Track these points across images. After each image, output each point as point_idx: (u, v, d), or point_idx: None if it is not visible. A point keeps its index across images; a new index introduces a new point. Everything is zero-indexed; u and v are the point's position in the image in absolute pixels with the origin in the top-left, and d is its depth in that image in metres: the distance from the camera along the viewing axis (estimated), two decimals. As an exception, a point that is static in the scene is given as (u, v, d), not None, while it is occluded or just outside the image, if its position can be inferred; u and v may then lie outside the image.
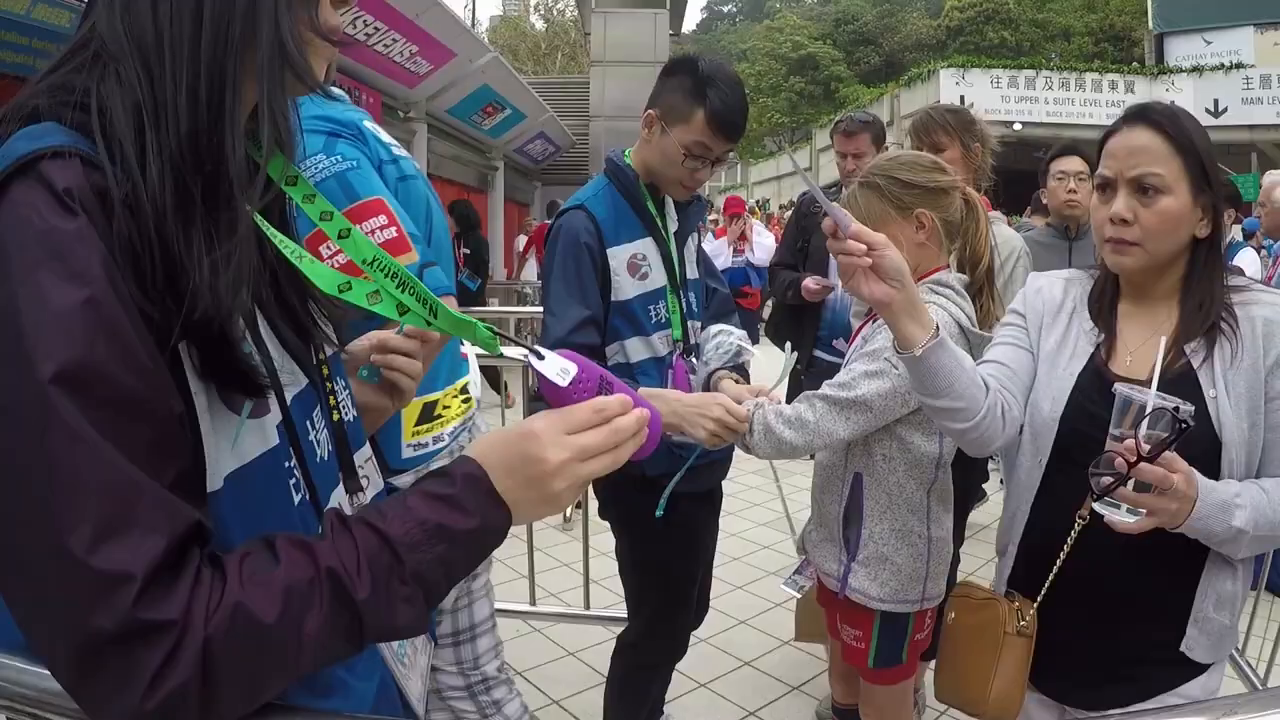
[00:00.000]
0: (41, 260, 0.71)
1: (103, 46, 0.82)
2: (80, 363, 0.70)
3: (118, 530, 0.70)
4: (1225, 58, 20.86)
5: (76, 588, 0.68)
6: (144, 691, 0.69)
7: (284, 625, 0.74)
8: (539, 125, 15.53)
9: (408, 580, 0.80)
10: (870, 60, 56.27)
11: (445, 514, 0.82)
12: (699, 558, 2.58)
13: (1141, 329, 1.63)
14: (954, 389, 1.57)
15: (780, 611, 3.98)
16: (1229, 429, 1.50)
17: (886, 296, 1.49)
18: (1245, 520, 1.43)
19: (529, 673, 3.53)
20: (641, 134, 2.31)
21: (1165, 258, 1.57)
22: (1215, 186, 1.54)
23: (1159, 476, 1.34)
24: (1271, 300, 1.57)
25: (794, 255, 4.05)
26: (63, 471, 0.69)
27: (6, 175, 0.73)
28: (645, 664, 2.64)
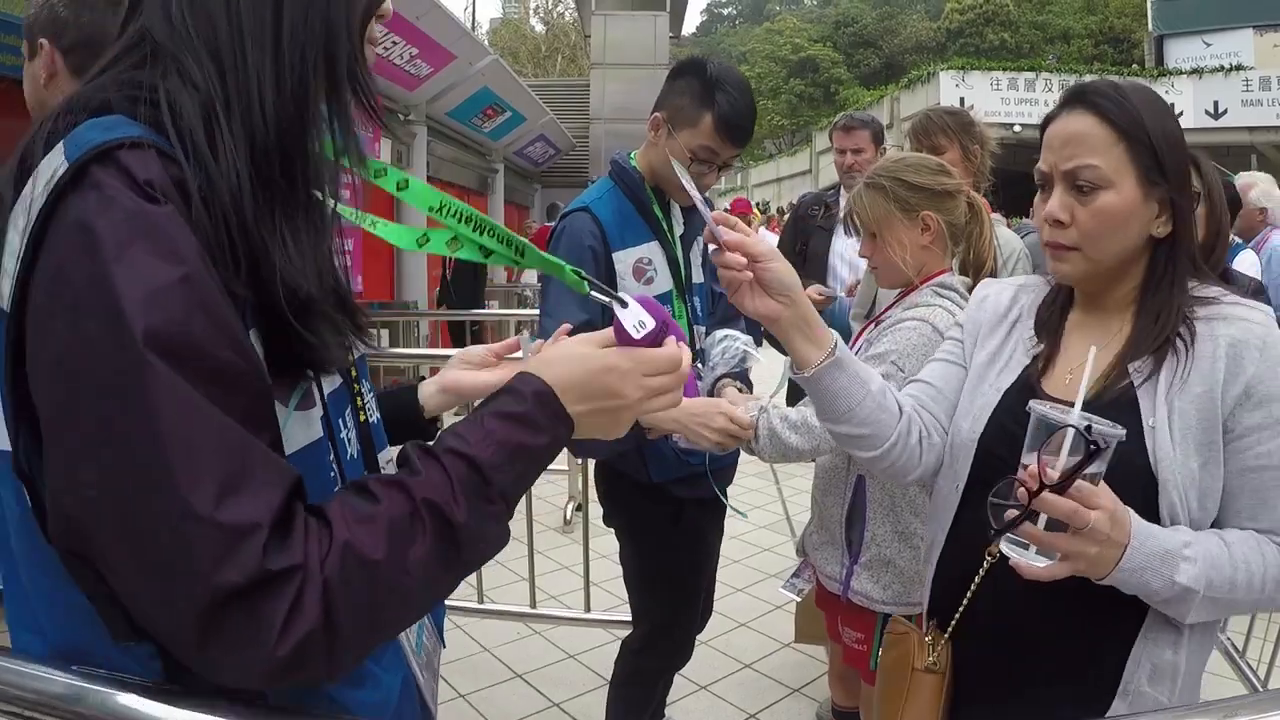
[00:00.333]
0: (134, 239, 0.72)
1: (158, 45, 0.83)
2: (181, 335, 0.71)
3: (238, 485, 0.72)
4: (1225, 60, 20.88)
5: (204, 545, 0.69)
6: (276, 640, 0.70)
7: (392, 560, 0.77)
8: (539, 128, 15.52)
9: (495, 499, 0.83)
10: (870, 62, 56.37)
11: (522, 434, 0.86)
12: (704, 564, 2.58)
13: (1090, 343, 1.33)
14: (855, 414, 1.41)
15: (780, 614, 3.98)
16: (1167, 465, 1.24)
17: (772, 313, 1.34)
18: (1194, 577, 1.18)
19: (529, 675, 3.53)
20: (648, 136, 2.29)
21: (1112, 263, 1.33)
22: (1175, 177, 1.29)
23: (1067, 511, 1.11)
24: (1243, 316, 1.28)
25: (792, 258, 4.02)
26: (177, 435, 0.70)
27: (85, 161, 0.73)
28: (649, 668, 2.64)
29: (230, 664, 0.72)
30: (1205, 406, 1.25)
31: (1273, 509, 1.26)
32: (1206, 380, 1.25)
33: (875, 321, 2.10)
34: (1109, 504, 1.14)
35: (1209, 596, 1.20)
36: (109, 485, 0.71)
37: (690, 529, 2.27)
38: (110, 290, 0.70)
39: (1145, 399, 1.28)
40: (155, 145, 0.77)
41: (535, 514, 3.99)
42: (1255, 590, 1.23)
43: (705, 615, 2.77)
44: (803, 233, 4.02)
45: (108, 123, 0.78)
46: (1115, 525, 1.15)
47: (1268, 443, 1.25)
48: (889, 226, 1.98)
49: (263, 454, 0.75)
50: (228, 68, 0.83)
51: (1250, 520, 1.27)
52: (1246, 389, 1.24)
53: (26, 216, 0.74)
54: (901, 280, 2.04)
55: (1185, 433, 1.25)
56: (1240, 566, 1.22)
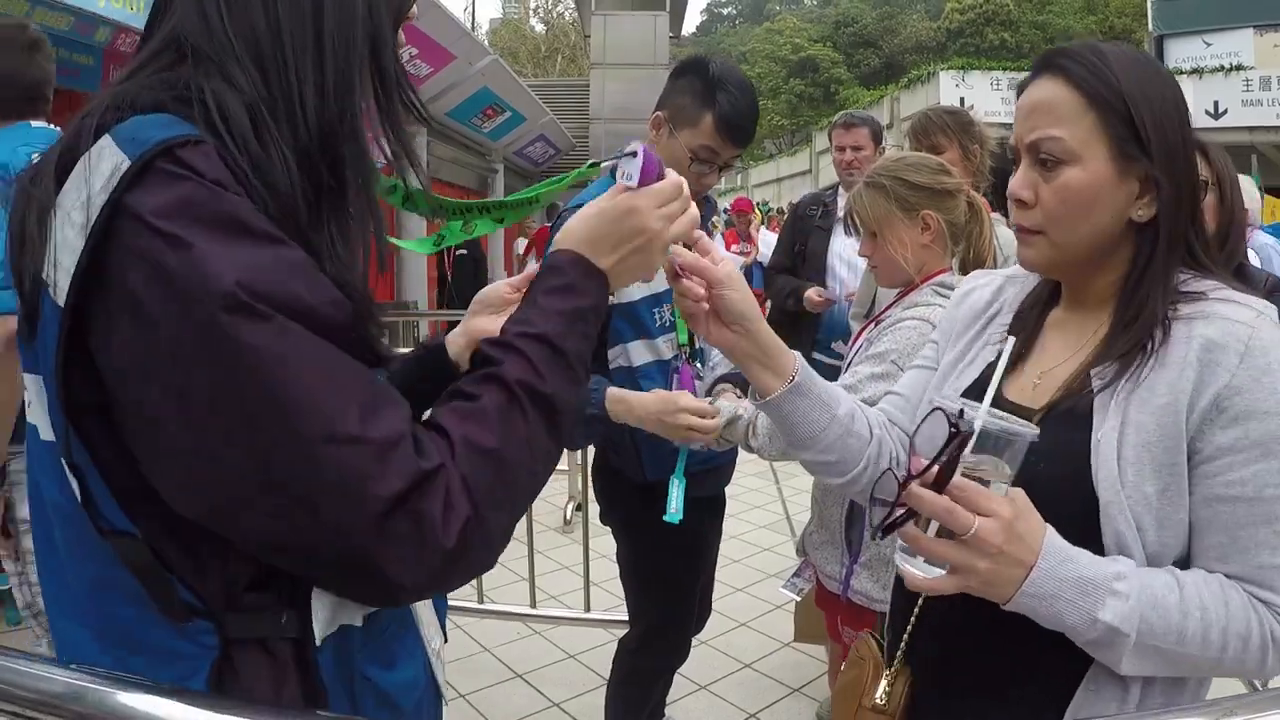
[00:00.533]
0: (216, 222, 0.75)
1: (195, 49, 0.85)
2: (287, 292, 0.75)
3: (376, 406, 0.78)
4: (1225, 59, 20.87)
5: (361, 463, 0.74)
6: (441, 533, 0.77)
7: (507, 443, 0.84)
8: (539, 128, 15.55)
9: (572, 364, 0.91)
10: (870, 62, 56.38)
11: (572, 299, 0.94)
12: (701, 563, 2.58)
13: (1066, 344, 1.21)
14: (820, 440, 1.30)
15: (780, 614, 3.98)
16: (1109, 486, 1.04)
17: (728, 343, 1.26)
18: (1122, 616, 0.98)
19: (529, 675, 3.53)
20: (649, 136, 2.27)
21: (1084, 250, 1.15)
22: (1159, 152, 1.09)
23: (938, 508, 0.95)
24: (1227, 314, 1.06)
25: (790, 258, 4.04)
26: (317, 371, 0.75)
27: (150, 157, 0.75)
28: (647, 668, 2.64)
29: (403, 571, 0.76)
30: (1167, 420, 1.04)
31: (1244, 551, 1.03)
32: (1173, 389, 1.05)
33: (875, 321, 2.10)
34: (1005, 512, 0.97)
35: (1149, 644, 1.00)
36: (254, 440, 0.74)
37: (686, 528, 2.27)
38: (210, 268, 0.72)
39: (1099, 410, 1.10)
40: (212, 143, 0.79)
41: (535, 514, 3.99)
42: (1212, 646, 1.01)
43: (704, 615, 2.76)
44: (801, 233, 4.02)
45: (163, 121, 0.79)
46: (1013, 539, 0.97)
47: (1241, 469, 1.03)
48: (889, 225, 1.98)
49: (382, 382, 0.82)
50: (270, 72, 0.85)
51: (1219, 562, 1.05)
52: (1217, 401, 1.03)
53: (84, 213, 0.74)
54: (901, 279, 2.04)
55: (1141, 450, 1.05)
56: (1193, 614, 1.00)
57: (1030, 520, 1.00)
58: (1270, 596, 1.03)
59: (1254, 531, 1.02)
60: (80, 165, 0.77)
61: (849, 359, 2.13)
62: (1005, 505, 0.98)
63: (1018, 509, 0.99)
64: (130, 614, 0.84)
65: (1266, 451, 1.02)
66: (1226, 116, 19.93)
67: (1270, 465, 1.02)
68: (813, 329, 3.86)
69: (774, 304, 4.10)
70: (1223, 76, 20.44)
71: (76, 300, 0.75)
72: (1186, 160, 1.12)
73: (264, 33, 0.86)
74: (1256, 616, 1.02)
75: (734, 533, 5.13)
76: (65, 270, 0.75)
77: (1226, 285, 1.12)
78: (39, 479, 0.88)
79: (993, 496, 0.98)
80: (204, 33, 0.85)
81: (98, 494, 0.81)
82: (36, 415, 0.86)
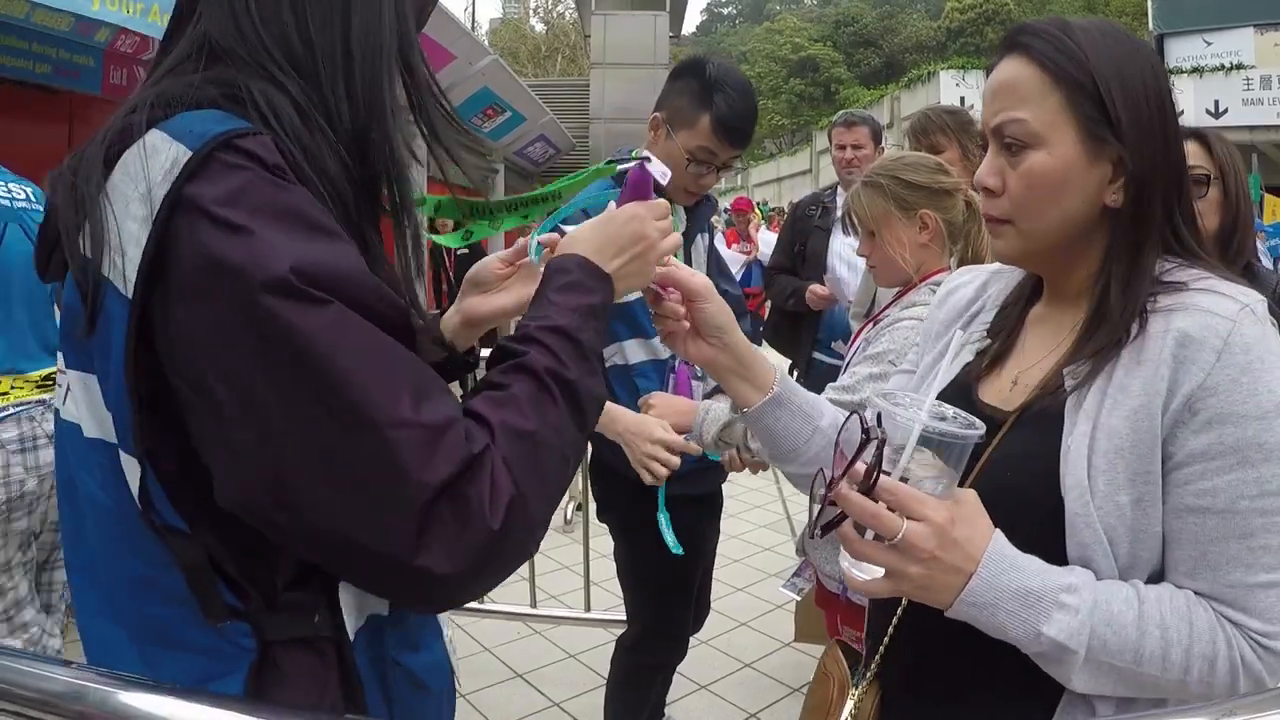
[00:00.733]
0: (279, 212, 0.77)
1: (227, 51, 0.88)
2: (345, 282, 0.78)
3: (427, 391, 0.79)
4: (1225, 59, 20.84)
5: (415, 447, 0.76)
6: (489, 513, 0.78)
7: (542, 426, 0.86)
8: (539, 128, 15.53)
9: (588, 355, 0.94)
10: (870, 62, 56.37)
11: (582, 296, 0.98)
12: (697, 562, 2.58)
13: (1045, 341, 1.13)
14: (802, 453, 1.26)
15: (781, 613, 3.98)
16: (1077, 496, 0.97)
17: (705, 357, 1.24)
18: (1069, 632, 0.91)
19: (529, 675, 3.54)
20: (647, 137, 2.29)
21: (1054, 239, 1.07)
22: (1131, 133, 1.01)
23: (863, 511, 0.90)
24: (1207, 307, 0.97)
25: (790, 258, 4.04)
26: (372, 356, 0.77)
27: (211, 149, 0.76)
28: (644, 666, 2.65)
29: (444, 558, 0.76)
30: (1142, 424, 0.96)
31: (1215, 567, 0.95)
32: (1147, 389, 0.96)
33: (873, 321, 2.10)
34: (938, 517, 0.91)
35: (1103, 662, 0.93)
36: (305, 422, 0.75)
37: (682, 526, 2.27)
38: (267, 253, 0.74)
39: (1070, 413, 1.02)
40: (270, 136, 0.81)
41: (536, 514, 3.98)
42: (1174, 667, 0.93)
43: (702, 614, 2.77)
44: (800, 233, 4.02)
45: (217, 116, 0.81)
46: (947, 545, 0.91)
47: (1214, 478, 0.94)
48: (887, 225, 1.98)
49: (427, 368, 0.83)
50: (306, 77, 0.88)
51: (1188, 577, 0.96)
52: (1190, 402, 0.94)
53: (146, 205, 0.76)
54: (900, 279, 2.04)
55: (1114, 457, 0.97)
56: (1151, 633, 0.93)
57: (974, 525, 0.95)
58: (1241, 618, 0.94)
59: (1225, 547, 0.94)
60: (133, 159, 0.78)
61: (848, 359, 2.14)
62: (939, 510, 0.92)
63: (958, 513, 0.94)
64: (169, 613, 0.85)
65: (1242, 459, 0.93)
66: (1227, 116, 19.89)
67: (1246, 475, 0.93)
68: (813, 329, 3.86)
69: (774, 304, 4.11)
70: (1223, 75, 20.41)
71: (146, 288, 0.76)
72: (1165, 139, 1.03)
73: (296, 41, 0.88)
74: (1224, 637, 0.94)
75: (734, 532, 5.13)
76: (132, 262, 0.76)
77: (1214, 274, 1.02)
78: (75, 476, 0.88)
79: (925, 500, 0.92)
80: (238, 38, 0.88)
81: (153, 490, 0.81)
82: (81, 413, 0.86)
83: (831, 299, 3.70)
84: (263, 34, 0.88)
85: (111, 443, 0.83)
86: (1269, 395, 0.93)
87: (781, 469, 1.34)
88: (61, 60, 4.09)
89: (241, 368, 0.74)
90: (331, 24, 0.89)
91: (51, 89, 4.18)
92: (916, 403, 0.97)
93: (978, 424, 0.94)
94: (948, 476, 0.95)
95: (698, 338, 1.23)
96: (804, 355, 3.87)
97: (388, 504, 0.75)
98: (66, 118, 4.43)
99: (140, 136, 0.79)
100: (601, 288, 1.01)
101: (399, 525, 0.75)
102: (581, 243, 1.04)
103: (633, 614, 2.60)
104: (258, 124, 0.82)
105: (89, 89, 4.33)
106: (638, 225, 1.07)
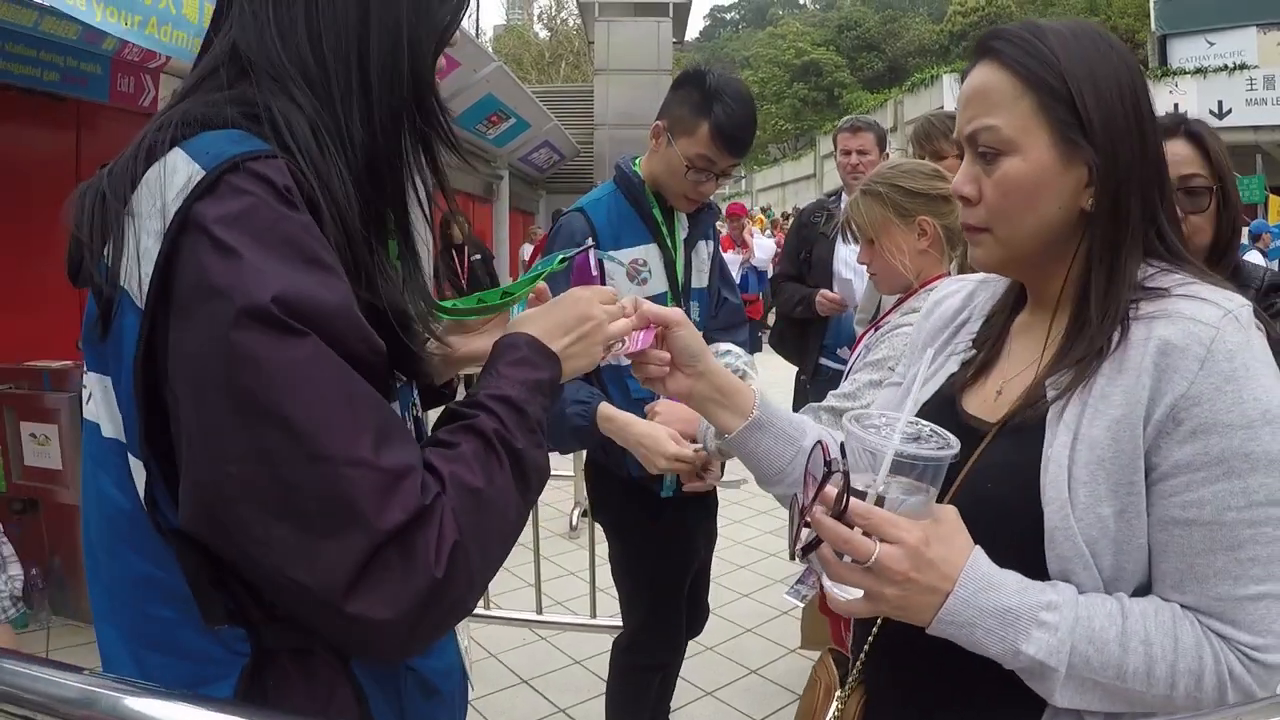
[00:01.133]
0: (275, 241, 0.78)
1: (253, 64, 0.90)
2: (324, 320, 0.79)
3: (389, 435, 0.81)
4: (1229, 59, 20.82)
5: (370, 489, 0.77)
6: (434, 559, 0.79)
7: (489, 485, 0.87)
8: (543, 134, 15.55)
9: (534, 427, 0.95)
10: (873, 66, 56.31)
11: (530, 371, 1.00)
12: (689, 560, 2.59)
13: (1028, 350, 1.11)
14: (788, 474, 1.26)
15: (786, 619, 3.98)
16: (1057, 509, 0.95)
17: (683, 389, 1.26)
18: (1047, 649, 0.90)
19: (535, 680, 3.54)
20: (649, 144, 2.34)
21: (1032, 246, 1.05)
22: (1102, 135, 0.99)
23: (836, 537, 0.91)
24: (1191, 313, 0.94)
25: (797, 266, 4.05)
26: (339, 393, 0.78)
27: (223, 170, 0.79)
28: (639, 665, 2.66)
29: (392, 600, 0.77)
30: (1124, 434, 0.94)
31: (1202, 580, 0.93)
32: (1129, 398, 0.94)
33: (875, 326, 2.11)
34: (911, 539, 0.90)
35: (1086, 678, 0.92)
36: (269, 452, 0.75)
37: (672, 526, 2.28)
38: (251, 279, 0.75)
39: (1052, 424, 1.00)
40: (284, 158, 0.83)
41: (541, 520, 4.00)
42: (1159, 683, 0.92)
43: (701, 617, 2.78)
44: (806, 240, 4.02)
45: (235, 136, 0.83)
46: (922, 566, 0.91)
47: (1200, 489, 0.92)
48: (886, 232, 1.99)
49: (393, 413, 0.85)
50: (321, 99, 0.90)
51: (1175, 590, 0.94)
52: (1174, 412, 0.92)
53: (161, 220, 0.78)
54: (900, 285, 2.05)
55: (1095, 468, 0.95)
56: (1135, 649, 0.91)
57: (950, 544, 0.94)
58: (1230, 631, 0.92)
59: (1212, 559, 0.92)
60: (154, 176, 0.81)
61: (849, 365, 2.14)
62: (913, 531, 0.91)
63: (934, 532, 0.93)
64: (167, 615, 0.87)
65: (1229, 470, 0.91)
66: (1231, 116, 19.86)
67: (1232, 486, 0.91)
68: (820, 335, 3.86)
69: (782, 313, 4.11)
70: (1226, 76, 20.38)
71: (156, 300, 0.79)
72: (1141, 140, 1.01)
73: (311, 61, 0.90)
74: (1211, 652, 0.92)
75: (740, 538, 5.14)
76: (146, 274, 0.79)
77: (1198, 279, 1.00)
78: (93, 475, 0.91)
79: (898, 523, 0.91)
80: (260, 51, 0.90)
81: (158, 493, 0.84)
82: (100, 412, 0.88)
83: (841, 304, 3.70)
84: (281, 50, 0.89)
85: (124, 443, 0.85)
86: (1254, 404, 0.91)
87: (768, 491, 1.33)
88: (69, 68, 4.11)
89: (207, 389, 0.76)
90: (346, 46, 0.91)
91: (59, 96, 4.20)
92: (891, 422, 0.96)
93: (952, 443, 0.94)
94: (925, 494, 0.94)
95: (674, 370, 1.25)
96: (811, 362, 3.87)
97: (333, 541, 0.76)
98: (74, 125, 4.46)
99: (163, 154, 0.82)
100: (549, 365, 1.03)
101: (339, 564, 0.75)
102: (531, 323, 1.07)
103: (627, 614, 2.63)
104: (274, 145, 0.84)
105: (96, 97, 4.35)
106: (584, 308, 1.10)
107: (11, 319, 4.10)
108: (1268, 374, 0.93)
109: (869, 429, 0.96)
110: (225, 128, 0.85)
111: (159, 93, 4.76)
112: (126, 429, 0.84)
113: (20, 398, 3.85)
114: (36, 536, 4.00)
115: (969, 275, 1.34)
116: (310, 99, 0.89)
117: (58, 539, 3.99)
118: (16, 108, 4.11)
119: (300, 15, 0.90)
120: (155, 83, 4.72)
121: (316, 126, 0.88)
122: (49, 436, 3.76)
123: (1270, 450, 0.90)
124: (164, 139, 0.83)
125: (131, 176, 0.82)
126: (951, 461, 0.94)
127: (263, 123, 0.86)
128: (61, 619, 4.03)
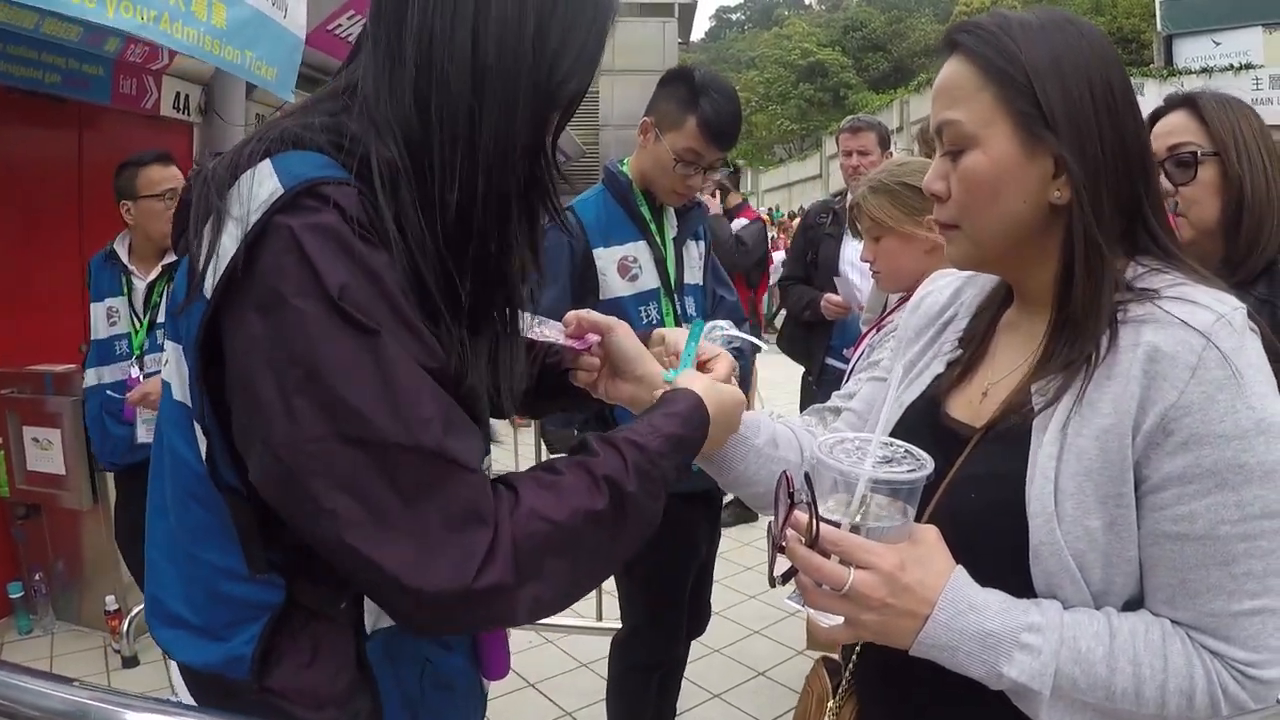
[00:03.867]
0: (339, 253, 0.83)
1: (366, 105, 0.93)
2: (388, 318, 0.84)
3: (455, 427, 0.86)
4: (1234, 59, 20.77)
5: (433, 470, 0.83)
6: (475, 573, 0.82)
7: (571, 521, 0.89)
8: (548, 135, 15.59)
9: (657, 480, 0.97)
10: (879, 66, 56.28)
11: (683, 428, 1.03)
12: (689, 558, 2.59)
13: (1015, 350, 1.07)
14: (743, 476, 1.25)
15: (794, 621, 3.97)
16: (1042, 523, 0.91)
17: (625, 396, 1.24)
18: (1030, 672, 0.88)
19: (541, 684, 3.53)
20: (638, 141, 2.38)
21: (1001, 242, 1.01)
22: (1065, 126, 0.94)
23: (809, 565, 0.90)
24: (1183, 317, 0.89)
25: (803, 267, 4.04)
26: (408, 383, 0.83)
27: (300, 190, 0.84)
28: (637, 664, 2.66)
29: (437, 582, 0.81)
30: (1112, 444, 0.90)
31: (1195, 595, 0.89)
32: (1117, 407, 0.90)
33: (877, 326, 2.09)
34: (886, 565, 0.89)
35: (1074, 699, 0.90)
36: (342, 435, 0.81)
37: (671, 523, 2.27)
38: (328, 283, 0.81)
39: (1038, 431, 0.96)
40: (359, 187, 0.88)
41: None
42: (1148, 703, 0.89)
43: (702, 615, 2.79)
44: (812, 241, 4.02)
45: (319, 161, 0.89)
46: (898, 591, 0.89)
47: (1191, 502, 0.88)
48: (891, 230, 1.97)
49: (462, 415, 0.88)
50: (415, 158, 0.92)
51: (1167, 606, 0.91)
52: (1164, 422, 0.88)
53: (242, 227, 0.84)
54: (904, 284, 2.03)
55: (1083, 479, 0.91)
56: (1123, 669, 0.89)
57: (928, 566, 0.91)
58: (1223, 647, 0.89)
59: (1205, 574, 0.88)
60: (245, 182, 0.87)
61: (851, 365, 2.12)
62: (887, 556, 0.89)
63: (911, 555, 0.91)
64: (216, 559, 0.96)
65: (1221, 482, 0.87)
66: (1237, 116, 19.81)
67: (1225, 498, 0.87)
68: (826, 336, 3.87)
69: (790, 315, 4.11)
70: (1232, 75, 20.32)
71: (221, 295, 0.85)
72: (1115, 130, 0.96)
73: (415, 126, 0.92)
74: (1202, 670, 0.89)
75: (747, 539, 5.12)
76: (218, 271, 0.84)
77: (1190, 280, 0.96)
78: (166, 429, 1.00)
79: (872, 548, 0.89)
80: (375, 98, 0.93)
81: (219, 454, 0.92)
82: (172, 375, 0.98)
83: (846, 307, 3.69)
84: (389, 105, 0.92)
85: (190, 407, 0.94)
86: (1248, 413, 0.86)
87: (737, 495, 1.31)
88: (71, 70, 4.10)
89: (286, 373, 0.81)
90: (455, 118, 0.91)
91: (61, 99, 4.18)
92: (864, 445, 0.94)
93: (926, 463, 0.92)
94: (902, 515, 0.92)
95: (613, 378, 1.25)
96: (817, 362, 3.88)
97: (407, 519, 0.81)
98: (76, 127, 4.44)
99: (257, 164, 0.88)
100: (702, 430, 1.06)
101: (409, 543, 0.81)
102: (708, 395, 1.09)
103: (626, 612, 2.63)
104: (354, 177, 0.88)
105: (98, 99, 4.34)
106: (739, 406, 1.16)
107: (14, 322, 4.08)
108: (1262, 381, 0.88)
109: (840, 456, 0.94)
110: (314, 150, 0.90)
111: (161, 95, 4.75)
112: (191, 397, 0.93)
113: (22, 402, 3.84)
114: (39, 541, 4.00)
115: (956, 271, 1.28)
116: (404, 154, 0.91)
117: (61, 544, 3.98)
118: (18, 110, 4.09)
119: (409, 81, 0.91)
120: (158, 85, 4.71)
121: (396, 170, 0.90)
122: (51, 441, 3.75)
123: (1265, 461, 0.86)
124: (260, 150, 0.89)
125: (232, 173, 0.89)
126: (930, 479, 0.92)
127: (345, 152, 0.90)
128: (65, 624, 4.03)
